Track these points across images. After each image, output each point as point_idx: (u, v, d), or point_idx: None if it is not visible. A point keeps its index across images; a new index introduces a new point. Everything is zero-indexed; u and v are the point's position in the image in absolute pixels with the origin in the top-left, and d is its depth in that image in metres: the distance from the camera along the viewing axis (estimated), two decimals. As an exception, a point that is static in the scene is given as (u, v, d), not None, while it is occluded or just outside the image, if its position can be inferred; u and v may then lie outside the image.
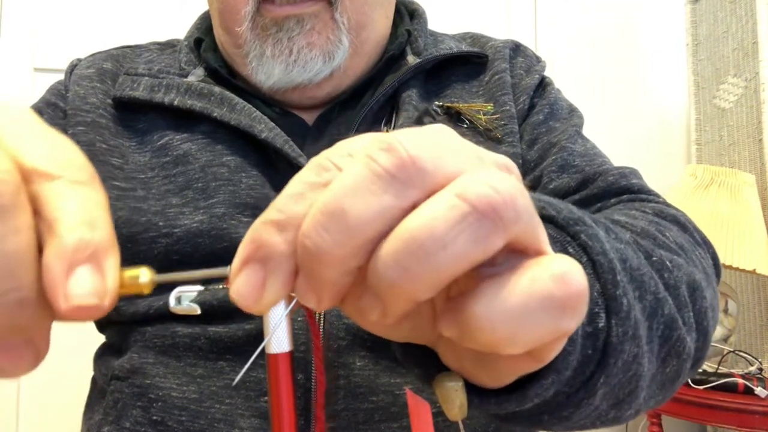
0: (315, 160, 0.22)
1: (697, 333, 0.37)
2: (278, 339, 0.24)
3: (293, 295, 0.23)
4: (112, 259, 0.21)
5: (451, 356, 0.27)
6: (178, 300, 0.25)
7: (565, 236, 0.30)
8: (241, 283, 0.22)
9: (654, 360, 0.33)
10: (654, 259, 0.36)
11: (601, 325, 0.29)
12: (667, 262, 0.37)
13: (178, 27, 0.78)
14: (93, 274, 0.20)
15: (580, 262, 0.29)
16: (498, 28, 1.85)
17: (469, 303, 0.21)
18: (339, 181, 0.21)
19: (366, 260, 0.21)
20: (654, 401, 0.36)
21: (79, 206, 0.21)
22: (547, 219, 0.31)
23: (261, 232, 0.22)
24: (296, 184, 0.22)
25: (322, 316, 0.50)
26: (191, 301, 0.25)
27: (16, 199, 0.20)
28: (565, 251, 0.29)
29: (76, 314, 0.20)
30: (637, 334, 0.30)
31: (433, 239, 0.19)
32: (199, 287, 0.25)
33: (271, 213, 0.22)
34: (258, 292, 0.22)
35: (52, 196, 0.21)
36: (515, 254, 0.21)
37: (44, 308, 0.21)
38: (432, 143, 0.21)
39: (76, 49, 0.90)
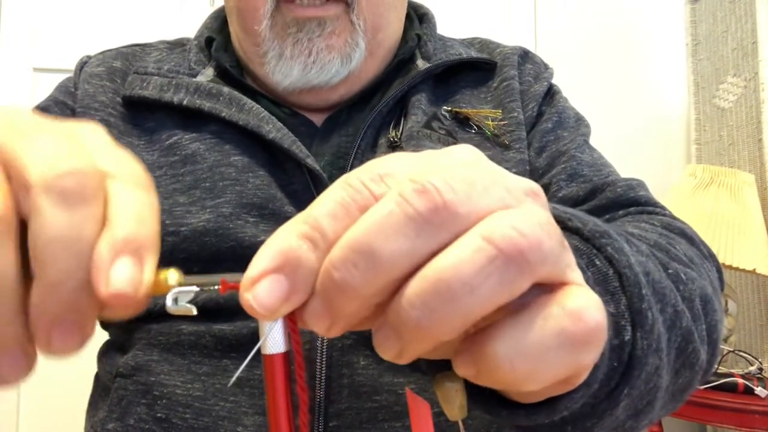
0: (347, 180, 0.22)
1: (709, 345, 0.37)
2: (274, 339, 0.24)
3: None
4: (153, 256, 0.23)
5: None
6: (175, 300, 0.25)
7: (591, 248, 0.30)
8: (263, 292, 0.22)
9: (670, 371, 0.33)
10: (670, 271, 0.37)
11: (627, 338, 0.29)
12: (682, 275, 0.37)
13: (179, 27, 0.78)
14: (134, 266, 0.22)
15: (607, 274, 0.29)
16: (498, 28, 1.85)
17: (487, 342, 0.21)
18: (371, 217, 0.21)
19: (388, 297, 0.21)
20: (664, 411, 0.36)
21: (135, 205, 0.23)
22: (573, 230, 0.31)
23: (294, 245, 0.22)
24: (329, 202, 0.22)
25: None
26: (188, 301, 0.25)
27: (97, 192, 0.22)
28: (592, 263, 0.30)
29: (113, 300, 0.21)
30: (659, 347, 0.30)
31: (461, 282, 0.20)
32: (196, 288, 0.25)
33: (302, 227, 0.22)
34: (280, 303, 0.22)
35: (116, 193, 0.23)
36: (536, 286, 0.22)
37: (95, 295, 0.22)
38: (464, 182, 0.21)
39: (76, 49, 0.90)
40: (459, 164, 0.22)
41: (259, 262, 0.22)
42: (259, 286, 0.22)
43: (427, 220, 0.20)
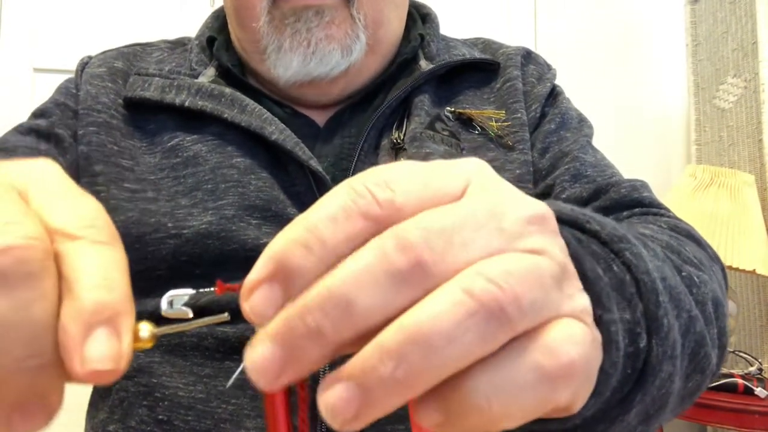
0: (351, 184, 0.22)
1: (719, 349, 0.37)
2: None
3: None
4: (128, 321, 0.21)
5: None
6: (170, 304, 0.25)
7: (609, 253, 0.30)
8: (258, 300, 0.21)
9: (682, 376, 0.33)
10: (684, 274, 0.36)
11: (642, 345, 0.28)
12: (695, 278, 0.37)
13: (179, 27, 0.78)
14: (109, 338, 0.20)
15: (624, 280, 0.29)
16: (498, 28, 1.85)
17: (461, 383, 0.20)
18: (350, 267, 0.20)
19: (357, 347, 0.20)
20: (672, 414, 0.36)
21: (99, 267, 0.21)
22: (591, 233, 0.30)
23: (287, 251, 0.21)
24: (331, 205, 0.21)
25: None
26: (183, 304, 0.25)
27: (44, 265, 0.20)
28: (609, 268, 0.29)
29: (92, 378, 0.20)
30: (674, 354, 0.30)
31: (441, 334, 0.19)
32: (191, 291, 0.24)
33: (299, 232, 0.21)
34: (274, 312, 0.21)
35: (72, 255, 0.21)
36: None
37: (61, 369, 0.20)
38: (452, 230, 0.20)
39: (77, 50, 0.90)
40: (454, 213, 0.21)
41: (257, 269, 0.21)
42: (255, 295, 0.21)
43: (407, 278, 0.20)
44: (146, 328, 0.22)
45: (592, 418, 0.29)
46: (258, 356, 0.20)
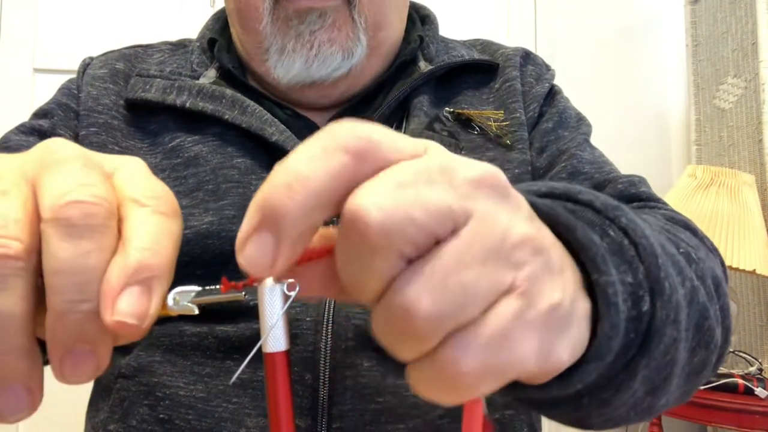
0: (328, 128, 0.23)
1: (722, 328, 0.37)
2: (275, 337, 0.25)
3: (289, 293, 0.24)
4: (162, 286, 0.23)
5: None
6: (176, 300, 0.25)
7: (605, 220, 0.30)
8: (252, 251, 0.22)
9: (687, 348, 0.33)
10: (681, 250, 0.36)
11: (645, 308, 0.28)
12: (693, 255, 0.37)
13: (179, 27, 0.78)
14: (141, 297, 0.22)
15: (623, 244, 0.29)
16: (498, 29, 1.85)
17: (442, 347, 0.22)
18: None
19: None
20: (679, 392, 0.36)
21: (151, 233, 0.23)
22: (584, 203, 0.31)
23: (267, 194, 0.22)
24: (309, 146, 0.22)
25: (330, 317, 0.50)
26: (188, 301, 0.25)
27: (106, 222, 0.22)
28: (606, 234, 0.29)
29: (117, 329, 0.22)
30: (678, 318, 0.30)
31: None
32: (197, 288, 0.25)
33: (280, 176, 0.22)
34: (270, 259, 0.22)
35: (133, 219, 0.23)
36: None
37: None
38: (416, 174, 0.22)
39: (77, 50, 0.90)
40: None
41: (246, 221, 0.22)
42: (248, 247, 0.22)
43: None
44: (174, 298, 0.24)
45: (596, 385, 0.29)
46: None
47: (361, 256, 0.21)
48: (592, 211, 0.30)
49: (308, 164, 0.21)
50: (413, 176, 0.21)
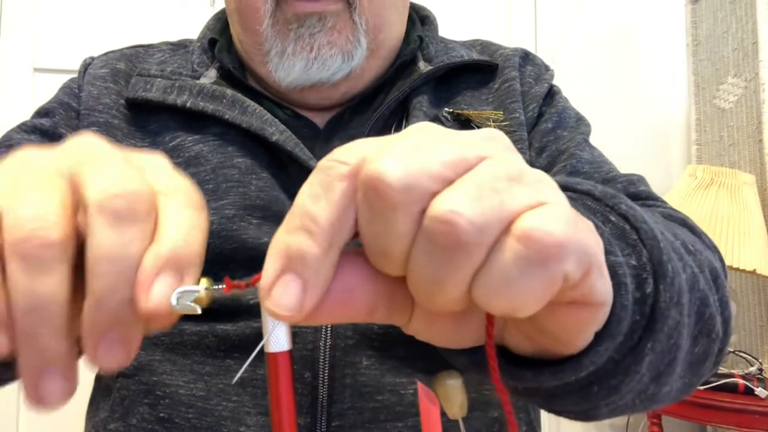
0: (319, 164, 0.23)
1: (722, 319, 0.37)
2: (277, 338, 0.25)
3: None
4: (194, 276, 0.24)
5: (518, 338, 0.28)
6: (179, 300, 0.25)
7: (605, 207, 0.31)
8: (280, 294, 0.22)
9: (689, 335, 0.33)
10: (679, 241, 0.37)
11: (649, 290, 0.29)
12: (690, 246, 0.38)
13: (179, 27, 0.78)
14: (174, 285, 0.23)
15: (624, 228, 0.29)
16: (498, 29, 1.86)
17: (470, 289, 0.22)
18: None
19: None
20: (682, 383, 0.36)
21: (183, 225, 0.24)
22: (583, 192, 0.31)
23: (290, 240, 0.22)
24: (308, 187, 0.23)
25: None
26: (191, 301, 0.25)
27: (148, 212, 0.24)
28: (607, 219, 0.30)
29: (151, 314, 0.23)
30: (681, 301, 0.30)
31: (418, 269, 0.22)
32: (200, 287, 0.25)
33: (293, 220, 0.23)
34: (299, 300, 0.22)
35: (166, 211, 0.24)
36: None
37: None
38: (415, 146, 0.22)
39: (77, 50, 0.90)
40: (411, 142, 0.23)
41: (267, 268, 0.23)
42: (275, 291, 0.22)
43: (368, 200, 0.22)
44: (205, 287, 0.25)
45: (605, 369, 0.29)
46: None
47: (385, 217, 0.21)
48: (592, 199, 0.31)
49: (314, 204, 0.22)
50: (422, 140, 0.22)
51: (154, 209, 0.24)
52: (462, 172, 0.22)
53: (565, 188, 0.31)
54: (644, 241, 0.29)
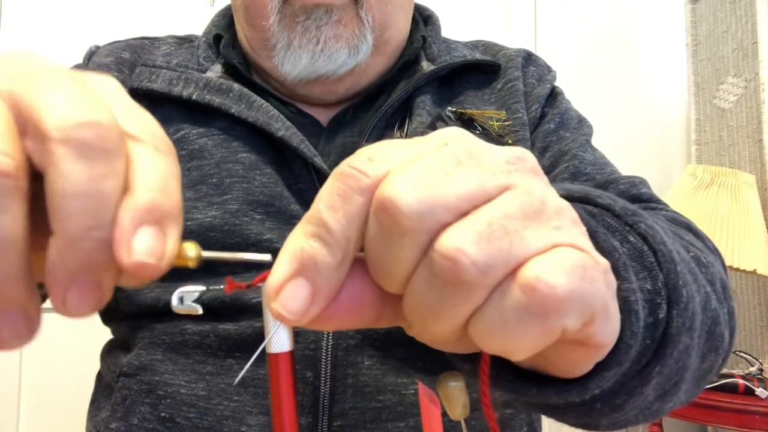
0: (339, 169, 0.23)
1: (728, 330, 0.37)
2: (279, 339, 0.25)
3: None
4: (176, 227, 0.23)
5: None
6: (181, 300, 0.25)
7: (624, 225, 0.30)
8: (288, 298, 0.22)
9: (699, 353, 0.33)
10: (691, 254, 0.37)
11: (661, 315, 0.29)
12: (702, 259, 0.37)
13: (179, 26, 0.79)
14: (156, 236, 0.22)
15: (642, 250, 0.29)
16: (498, 29, 1.86)
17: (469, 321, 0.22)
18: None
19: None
20: (686, 396, 0.36)
21: (158, 172, 0.22)
22: (603, 207, 0.31)
23: (304, 246, 0.22)
24: (326, 195, 0.22)
25: None
26: (193, 301, 0.25)
27: (119, 146, 0.21)
28: (626, 240, 0.30)
29: (135, 270, 0.21)
30: (693, 326, 0.30)
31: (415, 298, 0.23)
32: (201, 287, 0.25)
33: (308, 227, 0.22)
34: (306, 305, 0.22)
35: (137, 157, 0.22)
36: None
37: (114, 261, 0.21)
38: (435, 168, 0.22)
39: (77, 50, 0.89)
40: (440, 154, 0.22)
41: (279, 269, 0.22)
42: (284, 293, 0.22)
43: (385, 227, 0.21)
44: (193, 248, 0.24)
45: (610, 390, 0.29)
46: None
47: (392, 239, 0.21)
48: (612, 215, 0.31)
49: (331, 215, 0.22)
50: (446, 162, 0.22)
51: (124, 147, 0.22)
52: (479, 204, 0.21)
53: (585, 200, 0.31)
54: (661, 264, 0.29)
